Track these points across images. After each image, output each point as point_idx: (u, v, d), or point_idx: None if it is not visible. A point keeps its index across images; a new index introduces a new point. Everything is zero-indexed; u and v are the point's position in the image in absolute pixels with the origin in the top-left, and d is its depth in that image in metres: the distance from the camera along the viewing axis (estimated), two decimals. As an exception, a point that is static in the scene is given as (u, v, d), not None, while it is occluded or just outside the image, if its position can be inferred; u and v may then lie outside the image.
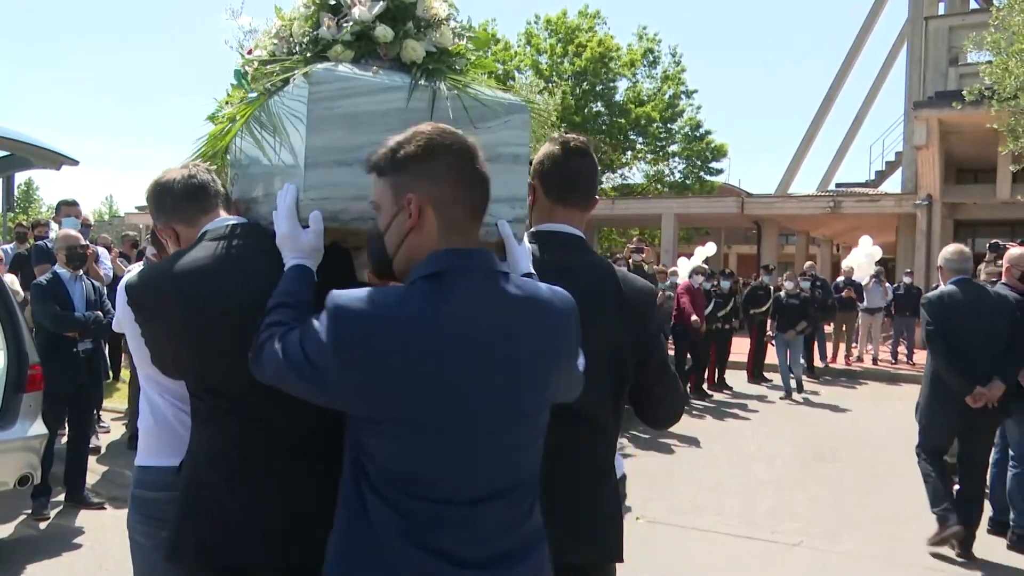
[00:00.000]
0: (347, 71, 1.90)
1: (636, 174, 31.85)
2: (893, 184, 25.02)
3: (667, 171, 30.83)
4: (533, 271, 1.85)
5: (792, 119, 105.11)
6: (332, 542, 1.59)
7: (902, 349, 15.72)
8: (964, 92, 10.12)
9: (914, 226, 19.93)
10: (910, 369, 14.59)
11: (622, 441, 7.68)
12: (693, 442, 8.27)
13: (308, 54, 1.98)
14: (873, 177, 26.41)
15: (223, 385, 1.82)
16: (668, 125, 30.18)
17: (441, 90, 1.93)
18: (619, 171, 31.65)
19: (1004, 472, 5.34)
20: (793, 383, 11.53)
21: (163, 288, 1.85)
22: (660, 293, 10.70)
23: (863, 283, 15.27)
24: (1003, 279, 5.41)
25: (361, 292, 1.51)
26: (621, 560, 2.12)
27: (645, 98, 29.64)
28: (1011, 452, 5.32)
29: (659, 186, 30.35)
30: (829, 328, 15.37)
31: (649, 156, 30.82)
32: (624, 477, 2.26)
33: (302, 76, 1.86)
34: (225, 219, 2.02)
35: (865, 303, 15.11)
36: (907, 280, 15.75)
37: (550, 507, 1.81)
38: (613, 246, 27.79)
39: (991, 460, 5.38)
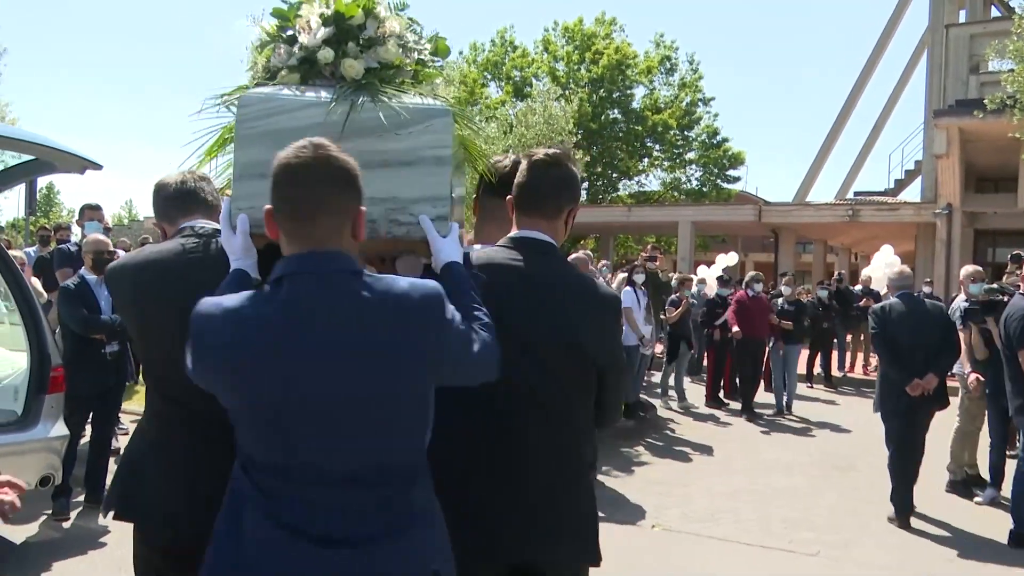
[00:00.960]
0: (269, 92, 2.12)
1: (653, 181, 31.87)
2: (912, 193, 24.89)
3: (684, 178, 30.82)
4: (459, 260, 1.96)
5: (810, 127, 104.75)
6: (216, 521, 1.73)
7: None
8: (986, 100, 10.06)
9: (934, 235, 19.82)
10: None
11: (637, 448, 7.70)
12: (709, 450, 8.25)
13: (260, 80, 2.24)
14: (892, 186, 26.27)
15: (157, 366, 2.24)
16: (685, 132, 30.20)
17: (357, 103, 2.07)
18: (635, 178, 31.67)
19: None
20: (785, 399, 10.80)
21: (125, 270, 2.24)
22: (685, 300, 10.69)
23: (881, 292, 15.11)
24: (1021, 289, 5.42)
25: (221, 297, 1.72)
26: (597, 563, 2.15)
27: (662, 105, 29.66)
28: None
29: (676, 193, 30.33)
30: (849, 337, 15.26)
31: (666, 163, 30.82)
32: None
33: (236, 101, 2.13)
34: (197, 222, 2.29)
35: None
36: (927, 290, 15.61)
37: (522, 501, 2.01)
38: (629, 253, 27.79)
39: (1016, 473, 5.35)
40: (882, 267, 16.50)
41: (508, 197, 2.24)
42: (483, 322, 1.85)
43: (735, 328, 10.37)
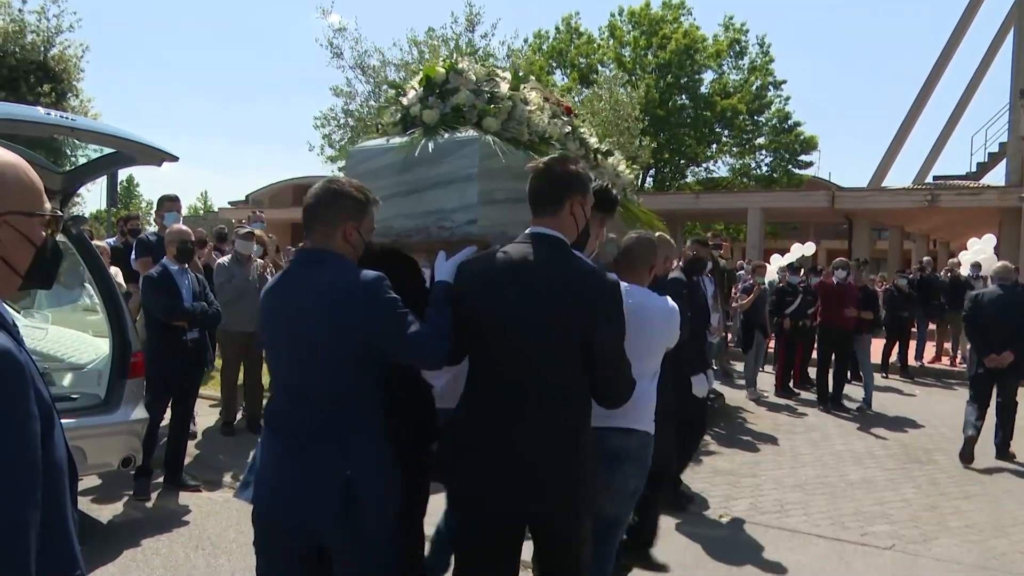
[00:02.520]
0: (360, 146, 3.12)
1: (721, 168, 31.32)
2: (996, 176, 23.84)
3: (753, 164, 30.20)
4: (444, 278, 2.52)
5: (887, 109, 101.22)
6: None
7: None
8: (1075, 78, 9.54)
9: (1019, 220, 18.96)
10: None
11: (705, 438, 7.59)
12: (777, 440, 8.10)
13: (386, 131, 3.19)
14: (974, 169, 25.21)
15: None
16: (755, 117, 29.59)
17: (414, 140, 2.89)
18: (704, 165, 31.17)
19: None
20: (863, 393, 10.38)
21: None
22: (757, 287, 10.50)
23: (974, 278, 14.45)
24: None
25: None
26: (580, 521, 2.49)
27: (731, 90, 29.10)
28: None
29: (745, 180, 29.75)
30: (934, 327, 14.73)
31: (735, 149, 30.26)
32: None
33: None
34: None
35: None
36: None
37: (515, 462, 2.38)
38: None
39: None
40: (981, 254, 15.75)
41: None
42: (434, 322, 2.41)
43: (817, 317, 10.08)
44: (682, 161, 29.99)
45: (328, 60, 11.48)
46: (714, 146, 30.26)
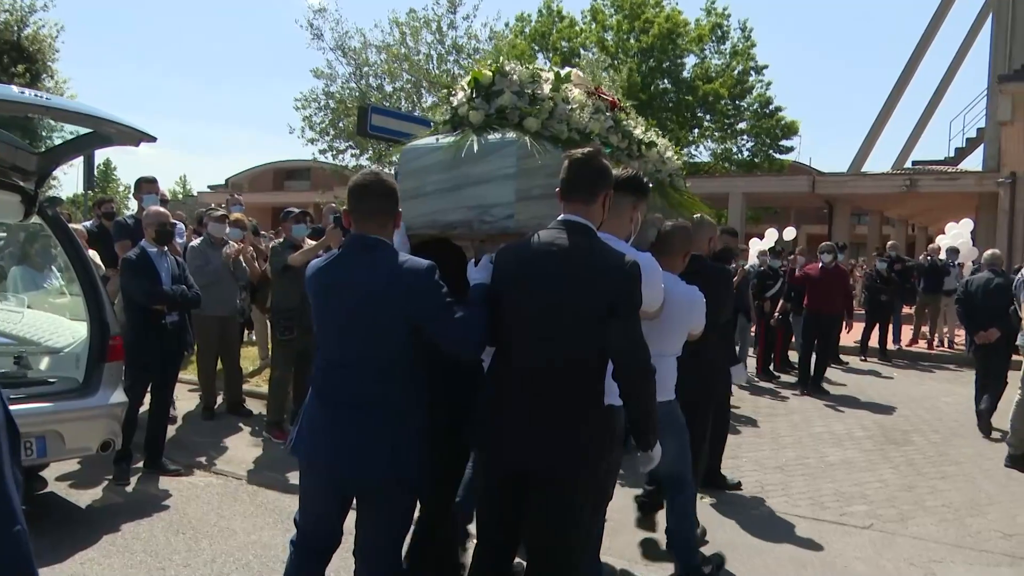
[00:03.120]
0: (412, 144, 3.38)
1: (703, 152, 31.31)
2: (974, 162, 24.04)
3: (735, 149, 30.25)
4: (479, 281, 2.80)
5: (868, 95, 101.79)
6: None
7: None
8: (1053, 63, 9.63)
9: (996, 205, 19.16)
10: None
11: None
12: (758, 423, 8.16)
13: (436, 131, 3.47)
14: (952, 154, 25.40)
15: None
16: (737, 102, 29.57)
17: (460, 140, 3.15)
18: (686, 149, 31.16)
19: None
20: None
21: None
22: (741, 269, 10.53)
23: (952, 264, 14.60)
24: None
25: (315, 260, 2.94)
26: (586, 477, 2.66)
27: (713, 75, 29.06)
28: None
29: (726, 164, 29.80)
30: (910, 310, 14.85)
31: (716, 134, 30.26)
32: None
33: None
34: None
35: (945, 286, 14.26)
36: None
37: (527, 423, 2.63)
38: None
39: None
40: (959, 239, 15.88)
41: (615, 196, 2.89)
42: (473, 315, 2.66)
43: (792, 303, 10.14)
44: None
45: (309, 41, 11.32)
46: (696, 131, 30.26)
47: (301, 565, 2.95)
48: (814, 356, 10.20)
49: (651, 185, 3.37)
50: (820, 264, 10.31)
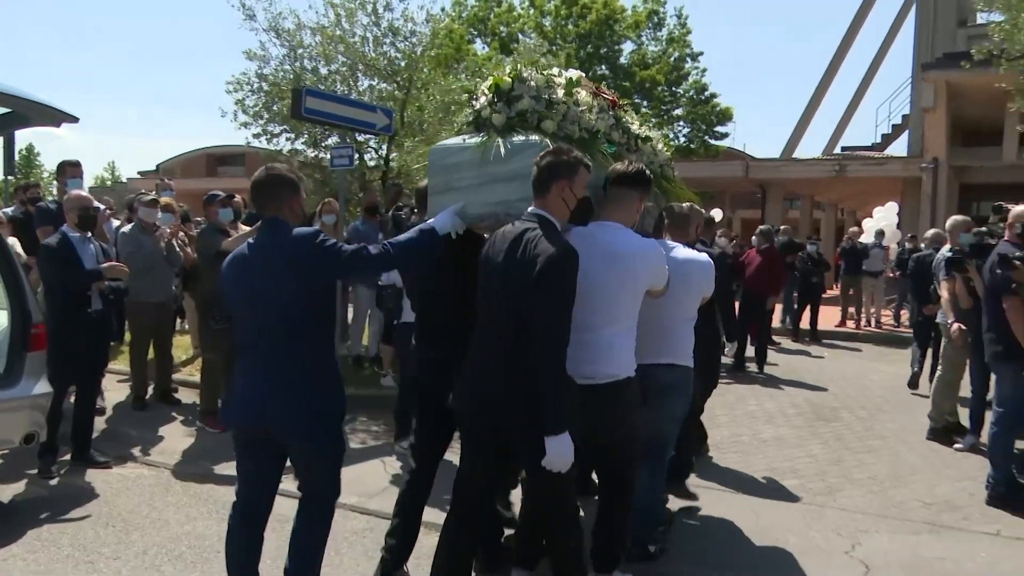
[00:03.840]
0: (442, 143, 3.79)
1: (640, 138, 31.55)
2: (899, 147, 24.81)
3: (672, 135, 30.60)
4: (434, 226, 3.38)
5: (799, 82, 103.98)
6: None
7: (905, 312, 15.64)
8: (972, 51, 9.98)
9: (919, 190, 19.80)
10: (910, 332, 14.56)
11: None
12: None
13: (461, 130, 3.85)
14: (879, 140, 26.18)
15: None
16: (673, 88, 29.89)
17: (487, 142, 3.52)
18: (623, 135, 31.35)
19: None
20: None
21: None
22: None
23: (870, 245, 15.12)
24: (1006, 236, 5.43)
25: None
26: (529, 439, 2.93)
27: (650, 61, 29.33)
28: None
29: (663, 150, 30.08)
30: (835, 291, 15.29)
31: (654, 120, 30.52)
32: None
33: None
34: None
35: (866, 267, 14.98)
36: (909, 245, 15.64)
37: (497, 384, 3.02)
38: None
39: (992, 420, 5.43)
40: (884, 221, 16.49)
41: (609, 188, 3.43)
42: (376, 249, 3.25)
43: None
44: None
45: (241, 22, 11.01)
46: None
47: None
48: (752, 339, 10.48)
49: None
50: (754, 248, 10.55)
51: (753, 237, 10.68)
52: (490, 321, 3.10)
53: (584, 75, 4.11)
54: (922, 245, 11.75)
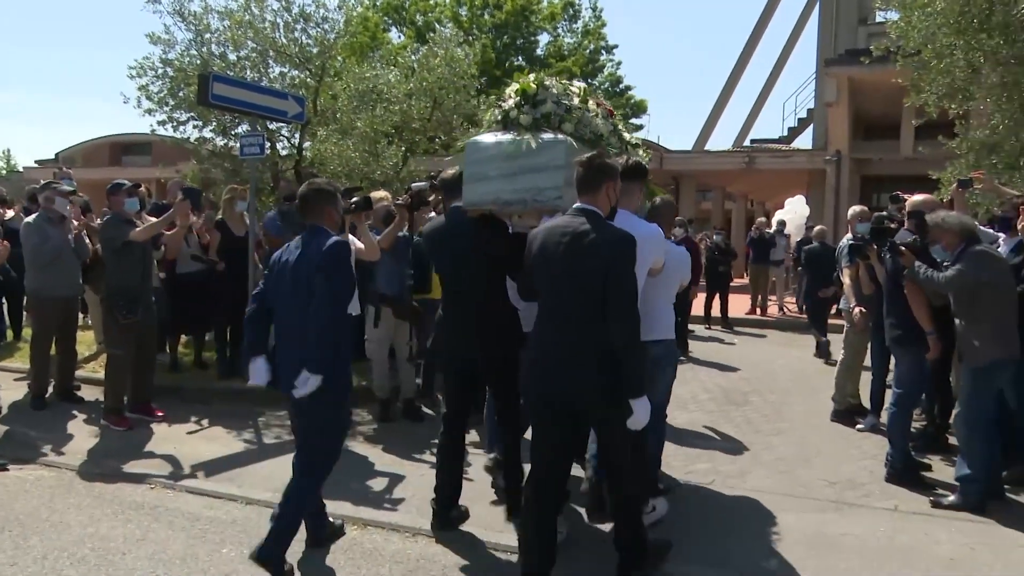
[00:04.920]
0: (477, 139, 4.45)
1: (557, 130, 31.78)
2: (805, 140, 25.68)
3: (587, 127, 30.85)
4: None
5: (711, 75, 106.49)
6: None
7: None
8: (872, 48, 10.40)
9: (824, 181, 20.54)
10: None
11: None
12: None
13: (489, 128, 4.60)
14: (786, 133, 27.03)
15: None
16: (589, 80, 30.14)
17: (520, 139, 4.24)
18: (540, 126, 31.48)
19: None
20: None
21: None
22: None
23: (774, 235, 15.67)
24: (907, 225, 5.69)
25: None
26: (602, 407, 3.50)
27: (566, 52, 29.56)
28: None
29: (579, 142, 30.36)
30: (744, 280, 15.73)
31: (570, 111, 30.79)
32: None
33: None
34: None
35: (771, 257, 15.53)
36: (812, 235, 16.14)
37: (562, 360, 3.51)
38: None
39: (892, 401, 5.68)
40: (791, 214, 17.10)
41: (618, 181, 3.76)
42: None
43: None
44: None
45: (144, 4, 10.55)
46: (550, 108, 30.71)
47: None
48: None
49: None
50: (672, 239, 10.75)
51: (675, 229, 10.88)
52: (557, 308, 3.57)
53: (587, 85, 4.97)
54: (811, 236, 12.40)
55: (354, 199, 4.87)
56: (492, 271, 4.24)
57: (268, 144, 9.71)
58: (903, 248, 5.33)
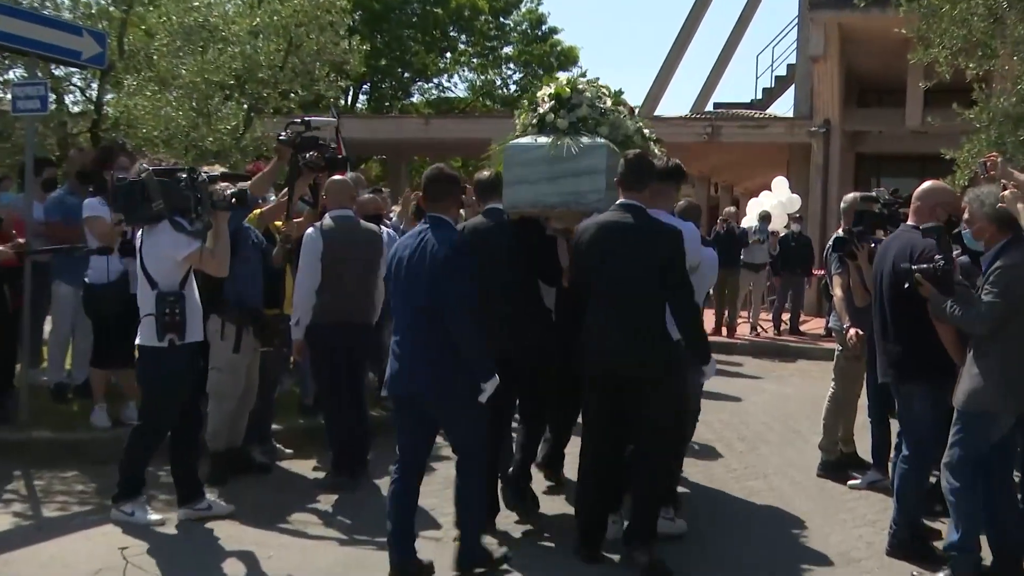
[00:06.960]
0: (515, 142, 5.99)
1: (458, 85, 31.82)
2: (785, 106, 26.05)
3: (499, 81, 31.00)
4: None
5: (664, 18, 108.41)
6: None
7: (786, 316, 16.38)
8: (868, -12, 10.70)
9: (808, 159, 20.83)
10: (797, 341, 15.40)
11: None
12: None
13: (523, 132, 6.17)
14: (759, 97, 27.31)
15: None
16: (501, 20, 30.27)
17: (559, 143, 5.71)
18: (435, 80, 31.48)
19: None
20: None
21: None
22: None
23: (752, 231, 15.93)
24: (910, 220, 5.76)
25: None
26: (663, 378, 5.22)
27: (470, -20, 29.56)
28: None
29: (488, 102, 30.47)
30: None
31: (475, 61, 30.85)
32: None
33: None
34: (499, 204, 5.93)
35: (744, 257, 15.57)
36: (795, 228, 16.29)
37: (621, 335, 5.20)
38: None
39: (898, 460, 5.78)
40: (774, 203, 17.23)
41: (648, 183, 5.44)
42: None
43: None
44: (406, 74, 30.09)
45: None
46: (448, 55, 30.69)
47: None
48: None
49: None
50: None
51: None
52: (618, 295, 5.20)
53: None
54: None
55: (231, 192, 5.23)
56: (530, 272, 5.75)
57: (53, 97, 9.42)
58: (920, 276, 5.20)
